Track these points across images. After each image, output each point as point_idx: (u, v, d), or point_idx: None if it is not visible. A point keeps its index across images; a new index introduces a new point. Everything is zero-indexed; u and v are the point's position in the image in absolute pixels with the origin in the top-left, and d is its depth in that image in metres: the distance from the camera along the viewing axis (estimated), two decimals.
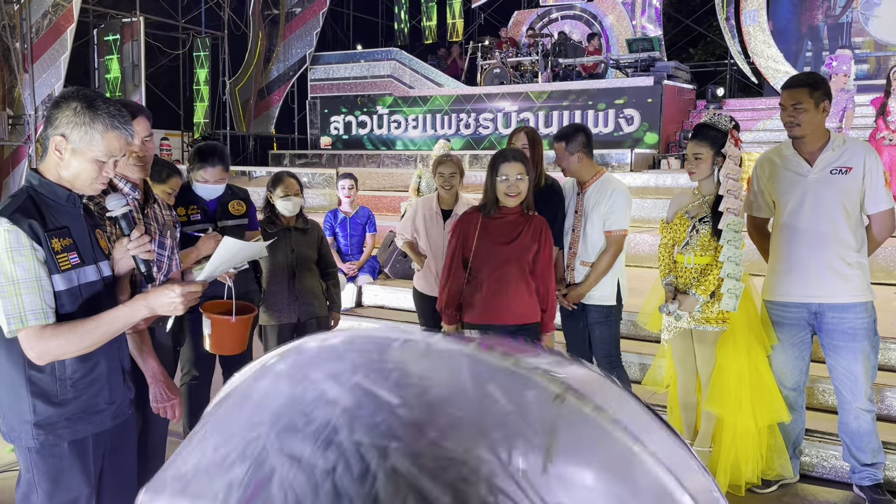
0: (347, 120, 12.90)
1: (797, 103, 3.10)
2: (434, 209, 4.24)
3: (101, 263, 1.97)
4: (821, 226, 3.12)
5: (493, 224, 3.20)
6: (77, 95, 1.84)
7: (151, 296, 1.86)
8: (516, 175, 3.13)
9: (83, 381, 1.89)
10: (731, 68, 14.37)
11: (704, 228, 3.30)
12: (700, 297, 3.25)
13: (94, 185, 1.89)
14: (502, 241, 3.17)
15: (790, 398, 3.28)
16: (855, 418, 3.15)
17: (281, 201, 3.91)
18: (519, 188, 3.13)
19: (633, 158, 9.81)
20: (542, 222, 3.24)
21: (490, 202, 3.21)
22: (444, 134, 11.74)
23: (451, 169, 4.14)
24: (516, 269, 3.16)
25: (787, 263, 3.22)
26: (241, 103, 13.52)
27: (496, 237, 3.17)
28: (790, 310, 3.23)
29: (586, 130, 3.65)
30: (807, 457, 3.47)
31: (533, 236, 3.18)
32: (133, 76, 11.08)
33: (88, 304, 1.89)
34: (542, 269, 3.23)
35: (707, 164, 3.31)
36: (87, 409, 1.90)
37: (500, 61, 12.59)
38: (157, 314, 1.90)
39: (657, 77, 10.82)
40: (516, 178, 3.12)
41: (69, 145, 1.82)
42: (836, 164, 3.12)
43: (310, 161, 12.46)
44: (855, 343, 3.10)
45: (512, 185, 3.12)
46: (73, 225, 1.90)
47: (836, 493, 3.30)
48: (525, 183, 3.14)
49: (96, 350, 1.88)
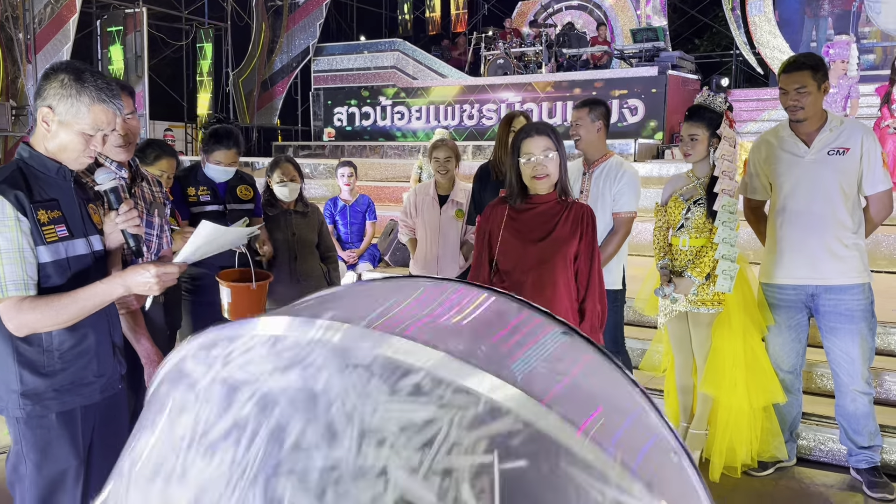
0: (351, 111, 12.88)
1: (801, 86, 3.07)
2: (431, 194, 4.23)
3: (92, 237, 1.97)
4: (817, 207, 3.10)
5: (522, 217, 2.62)
6: (66, 67, 1.84)
7: (128, 274, 1.85)
8: (543, 152, 2.54)
9: (71, 353, 1.89)
10: (737, 59, 14.28)
11: (699, 210, 3.28)
12: (695, 279, 3.24)
13: (80, 158, 1.89)
14: (534, 237, 2.59)
15: (787, 381, 3.26)
16: (852, 401, 3.13)
17: (278, 187, 3.93)
18: (547, 168, 2.55)
19: (637, 149, 9.76)
20: (585, 210, 2.62)
21: (515, 191, 2.63)
22: (447, 125, 11.72)
23: (446, 153, 4.13)
24: (555, 269, 2.56)
25: (784, 245, 3.20)
26: (245, 95, 13.53)
27: (527, 232, 2.60)
28: (787, 292, 3.21)
29: (608, 106, 3.56)
30: (804, 440, 3.46)
31: (573, 228, 2.58)
32: (136, 67, 11.09)
33: (77, 277, 1.89)
34: (582, 269, 2.61)
35: (703, 146, 3.29)
36: (75, 381, 1.91)
37: (504, 52, 12.55)
38: (132, 293, 1.90)
39: (661, 67, 10.76)
40: (543, 155, 2.54)
41: (56, 117, 1.82)
42: (834, 144, 3.09)
43: (313, 152, 12.45)
44: (852, 325, 3.08)
45: (539, 166, 2.55)
46: (63, 198, 1.90)
47: (833, 477, 3.28)
48: (555, 161, 2.56)
49: (84, 323, 1.89)
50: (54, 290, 1.83)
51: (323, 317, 0.79)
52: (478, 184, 3.88)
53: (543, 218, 2.60)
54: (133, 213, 2.01)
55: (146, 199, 2.61)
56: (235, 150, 3.42)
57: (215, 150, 3.39)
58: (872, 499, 3.05)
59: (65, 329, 1.86)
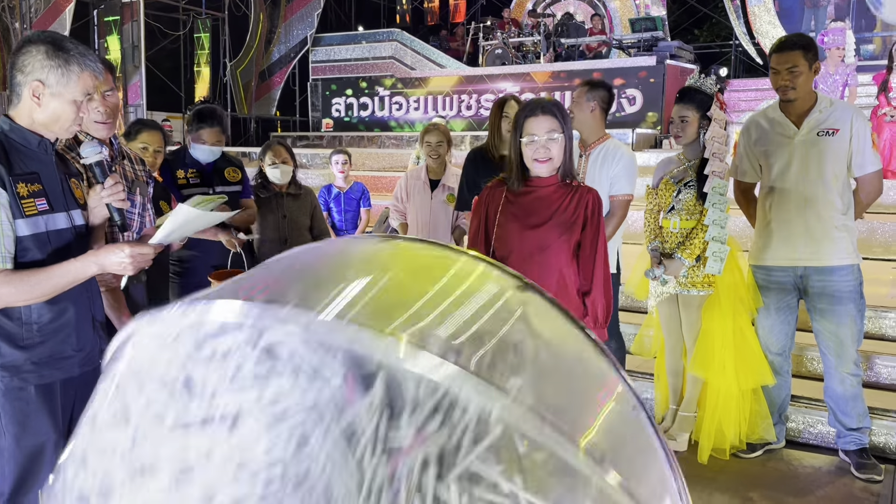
0: (349, 102, 12.85)
1: (792, 66, 3.05)
2: (422, 179, 4.23)
3: (74, 212, 1.97)
4: (807, 188, 3.09)
5: (521, 200, 2.46)
6: (43, 39, 1.84)
7: (102, 253, 1.85)
8: (547, 133, 2.37)
9: (50, 327, 1.89)
10: (737, 49, 14.22)
11: (689, 192, 3.27)
12: (686, 261, 3.23)
13: (72, 127, 1.91)
14: (533, 223, 2.43)
15: (776, 363, 3.26)
16: (840, 382, 3.13)
17: (269, 169, 3.93)
18: (550, 151, 2.39)
19: (635, 138, 9.74)
20: (591, 195, 2.45)
21: (515, 173, 2.47)
22: (445, 115, 11.69)
23: (438, 137, 4.12)
24: (555, 258, 2.41)
25: (774, 227, 3.19)
26: (243, 85, 13.50)
27: (524, 217, 2.44)
28: (776, 274, 3.21)
29: (610, 90, 3.51)
30: (793, 423, 3.45)
31: (576, 214, 2.41)
32: (133, 57, 11.07)
33: (57, 252, 1.88)
34: (586, 259, 2.44)
35: (693, 128, 3.28)
36: (54, 355, 1.90)
37: (503, 42, 12.51)
38: (107, 271, 1.89)
39: (660, 57, 10.72)
40: (547, 137, 2.37)
41: (47, 90, 1.82)
42: (824, 125, 3.08)
43: (311, 143, 12.44)
44: (841, 306, 3.08)
45: (541, 148, 2.38)
46: (44, 171, 1.90)
47: (822, 459, 3.28)
48: (559, 144, 2.40)
49: (64, 297, 1.88)
50: (33, 265, 1.83)
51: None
52: (471, 166, 3.85)
53: (544, 202, 2.44)
54: (118, 186, 2.01)
55: (128, 177, 2.61)
56: (219, 128, 3.43)
57: (199, 130, 3.41)
58: (860, 480, 3.05)
59: (44, 302, 1.86)
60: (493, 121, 3.74)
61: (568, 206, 2.42)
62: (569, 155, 2.44)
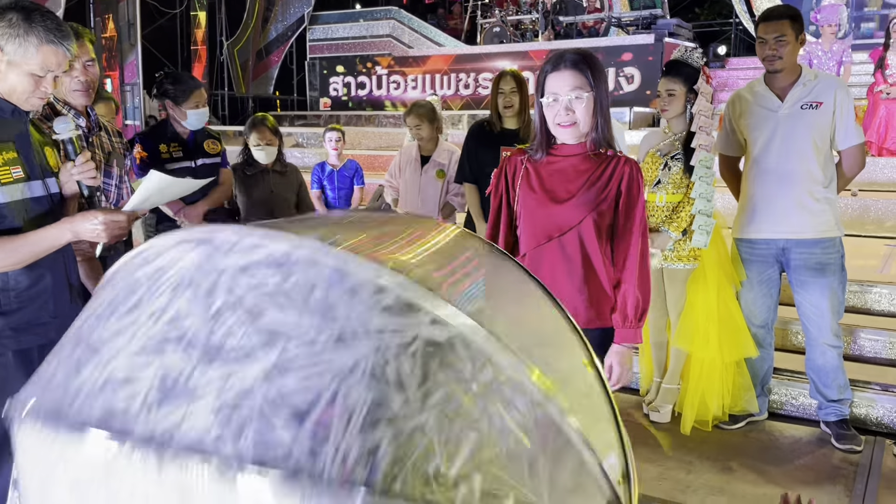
0: (346, 80, 12.80)
1: (780, 35, 3.05)
2: (414, 155, 4.26)
3: (49, 180, 1.99)
4: (790, 162, 3.10)
5: (542, 171, 2.12)
6: (15, 7, 1.84)
7: (77, 220, 1.87)
8: (571, 91, 2.01)
9: (27, 293, 1.92)
10: (737, 28, 14.12)
11: (676, 166, 3.28)
12: (673, 234, 3.25)
13: (30, 99, 1.90)
14: (557, 197, 2.08)
15: (758, 335, 3.29)
16: (821, 354, 3.16)
17: (255, 150, 3.96)
18: (575, 114, 2.02)
19: (633, 117, 9.73)
20: (630, 167, 2.08)
21: (539, 140, 2.13)
22: (443, 94, 11.65)
23: (416, 121, 4.16)
24: (580, 242, 2.06)
25: (757, 200, 3.20)
26: (240, 64, 13.44)
27: (545, 191, 2.10)
28: (759, 246, 3.23)
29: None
30: (775, 395, 3.49)
31: (607, 189, 2.05)
32: (129, 35, 11.02)
33: (33, 220, 1.91)
34: (620, 243, 2.08)
35: (680, 102, 3.29)
36: (32, 321, 1.94)
37: (501, 20, 12.44)
38: (81, 239, 1.91)
39: (658, 35, 10.66)
40: (571, 96, 2.01)
41: (4, 57, 1.83)
42: (807, 99, 3.09)
43: (308, 122, 12.41)
44: (823, 278, 3.10)
45: (563, 109, 2.02)
46: (19, 139, 1.91)
47: (803, 430, 3.32)
48: (587, 104, 2.02)
49: (41, 264, 1.91)
50: (9, 232, 1.85)
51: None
52: (472, 140, 3.86)
53: (568, 175, 2.08)
54: (89, 165, 2.02)
55: (104, 148, 2.63)
56: (203, 88, 3.48)
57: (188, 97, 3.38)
58: (840, 450, 3.09)
59: (21, 269, 1.89)
60: (493, 97, 3.80)
61: (598, 179, 2.05)
62: (602, 118, 2.05)
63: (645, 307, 2.08)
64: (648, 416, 3.42)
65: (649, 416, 3.41)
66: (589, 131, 2.06)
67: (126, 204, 2.00)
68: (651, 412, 3.42)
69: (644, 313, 2.09)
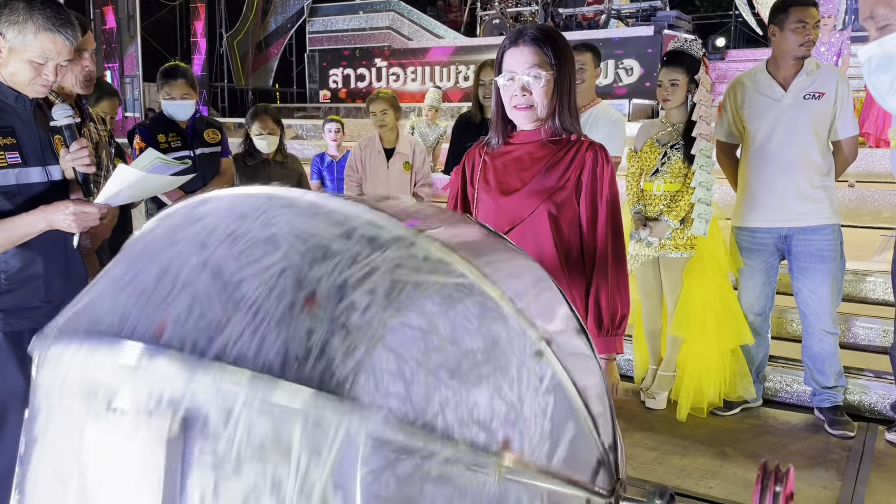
0: (346, 73, 12.81)
1: (816, 21, 3.09)
2: (377, 148, 4.19)
3: (52, 167, 2.01)
4: (791, 150, 3.13)
5: (497, 162, 1.90)
6: None
7: (50, 209, 1.88)
8: (528, 69, 1.77)
9: (18, 276, 1.95)
10: (737, 20, 14.13)
11: (676, 155, 3.31)
12: (672, 223, 3.28)
13: (32, 86, 1.92)
14: (509, 188, 1.86)
15: (756, 323, 3.32)
16: (818, 340, 3.20)
17: (257, 139, 3.98)
18: (531, 95, 1.79)
19: (632, 109, 9.74)
20: (592, 152, 1.83)
21: (496, 125, 1.91)
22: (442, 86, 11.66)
23: (382, 106, 4.10)
24: (532, 237, 1.82)
25: (758, 189, 3.23)
26: (240, 56, 13.45)
27: (500, 182, 1.87)
28: (759, 235, 3.26)
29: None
30: (770, 382, 3.53)
31: (564, 178, 1.82)
32: (129, 27, 11.02)
33: (27, 204, 1.92)
34: (589, 240, 1.85)
35: (682, 91, 3.32)
36: (22, 305, 1.96)
37: (500, 12, 12.44)
38: (54, 227, 1.91)
39: (657, 27, 10.67)
40: (528, 75, 1.77)
41: (6, 44, 1.86)
42: (810, 89, 3.12)
43: (308, 114, 12.43)
44: (822, 265, 3.13)
45: (519, 90, 1.79)
46: (20, 125, 1.94)
47: (797, 416, 3.36)
48: (545, 84, 1.78)
49: (33, 248, 1.95)
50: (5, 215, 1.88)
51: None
52: (457, 132, 3.88)
53: (524, 163, 1.85)
54: (83, 152, 2.02)
55: (92, 138, 2.68)
56: (184, 81, 3.47)
57: (165, 87, 3.46)
58: (833, 436, 3.13)
59: (12, 253, 1.92)
60: (475, 88, 3.81)
61: (555, 165, 1.82)
62: (562, 101, 1.82)
63: (624, 312, 1.85)
64: (644, 404, 3.46)
65: (645, 403, 3.45)
66: (547, 116, 1.83)
67: (97, 196, 1.97)
68: (647, 399, 3.45)
69: (623, 319, 1.85)
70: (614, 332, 1.85)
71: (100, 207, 1.94)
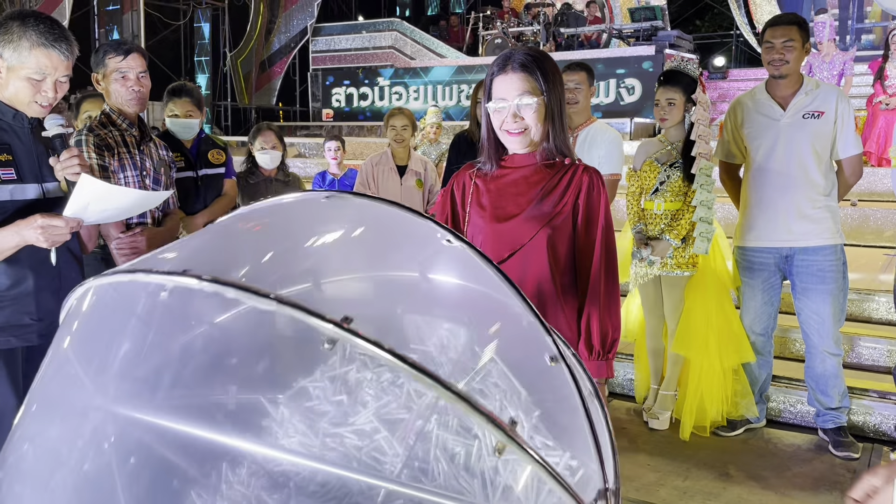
0: (349, 92, 12.88)
1: (788, 40, 3.07)
2: (390, 165, 4.21)
3: (49, 184, 2.02)
4: (792, 169, 3.12)
5: (490, 187, 1.88)
6: (13, 15, 1.89)
7: (22, 223, 1.87)
8: (519, 96, 1.77)
9: (8, 294, 1.94)
10: (738, 39, 14.22)
11: (676, 174, 3.31)
12: (673, 242, 3.27)
13: (32, 105, 1.93)
14: (506, 213, 1.84)
15: (758, 343, 3.30)
16: (821, 361, 3.17)
17: (259, 154, 3.99)
18: (524, 120, 1.79)
19: (633, 128, 9.76)
20: (588, 176, 1.84)
21: (488, 151, 1.89)
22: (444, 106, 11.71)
23: (403, 122, 4.13)
24: (531, 264, 1.81)
25: (759, 209, 3.22)
26: (243, 75, 13.52)
27: (496, 207, 1.86)
28: (761, 255, 3.24)
29: None
30: (774, 402, 3.50)
31: (562, 203, 1.82)
32: None
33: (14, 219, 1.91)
34: (581, 266, 1.85)
35: (679, 111, 3.33)
36: (12, 322, 1.95)
37: (502, 31, 12.51)
38: (27, 242, 1.89)
39: (659, 46, 10.72)
40: (520, 101, 1.77)
41: (4, 63, 1.88)
42: (809, 108, 3.12)
43: (311, 133, 12.48)
44: (824, 285, 3.11)
45: (511, 116, 1.79)
46: (16, 143, 1.95)
47: (801, 437, 3.32)
48: (537, 111, 1.78)
49: (24, 266, 1.94)
50: None
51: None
52: (454, 151, 3.89)
53: (520, 188, 1.84)
54: (73, 161, 2.00)
55: (153, 158, 2.74)
56: (188, 100, 3.46)
57: (168, 104, 3.47)
58: (838, 457, 3.09)
59: (2, 270, 1.92)
60: (472, 107, 3.81)
61: (552, 190, 1.81)
62: (554, 123, 1.81)
63: (615, 336, 1.84)
64: (647, 424, 3.42)
65: (648, 424, 3.42)
66: (541, 140, 1.83)
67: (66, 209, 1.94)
68: (650, 419, 3.42)
69: (614, 344, 1.84)
70: (605, 356, 1.84)
71: (68, 221, 1.91)
